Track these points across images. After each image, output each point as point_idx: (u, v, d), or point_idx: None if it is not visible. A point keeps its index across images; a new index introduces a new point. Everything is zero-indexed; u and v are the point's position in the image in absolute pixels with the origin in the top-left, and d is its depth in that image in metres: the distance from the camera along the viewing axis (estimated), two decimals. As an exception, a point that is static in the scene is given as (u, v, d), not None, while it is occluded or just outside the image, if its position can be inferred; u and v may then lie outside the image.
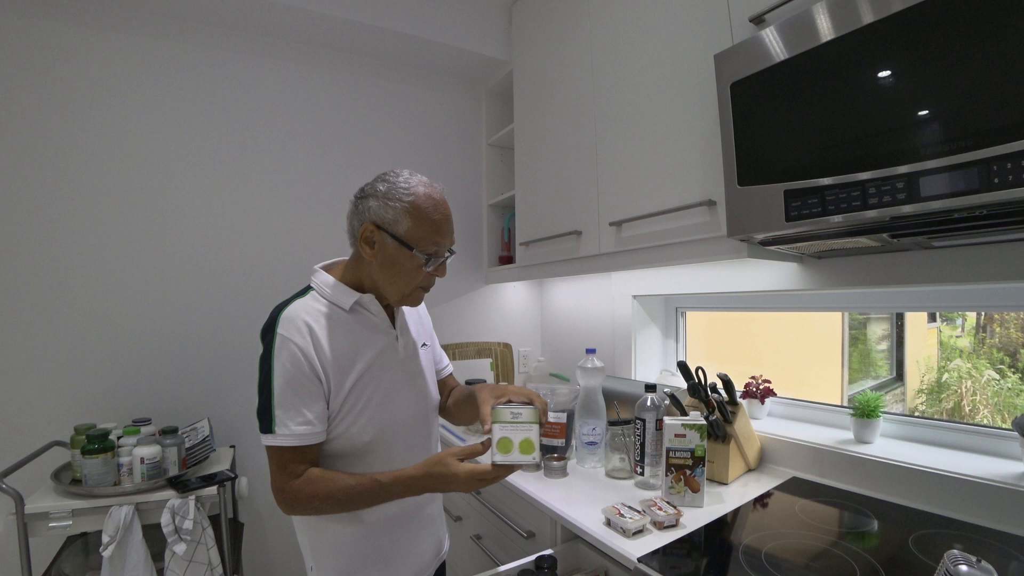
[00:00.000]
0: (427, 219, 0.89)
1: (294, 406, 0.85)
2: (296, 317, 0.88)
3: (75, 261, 1.53)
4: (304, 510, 0.89)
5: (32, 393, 1.47)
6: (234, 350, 1.72)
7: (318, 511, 0.90)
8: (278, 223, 1.82)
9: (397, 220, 0.88)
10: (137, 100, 1.61)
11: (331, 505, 0.87)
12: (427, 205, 0.89)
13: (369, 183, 0.93)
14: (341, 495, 0.86)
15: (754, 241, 1.06)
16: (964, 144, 0.69)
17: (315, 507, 0.88)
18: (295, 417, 0.85)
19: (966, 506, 1.01)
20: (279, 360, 0.85)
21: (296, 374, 0.85)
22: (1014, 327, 1.33)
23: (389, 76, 2.04)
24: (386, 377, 0.95)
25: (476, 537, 1.49)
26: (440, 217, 0.91)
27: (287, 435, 0.85)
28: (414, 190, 0.89)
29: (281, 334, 0.86)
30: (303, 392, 0.86)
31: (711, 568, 0.91)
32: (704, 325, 1.88)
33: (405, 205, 0.88)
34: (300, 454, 0.87)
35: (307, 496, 0.86)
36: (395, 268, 0.91)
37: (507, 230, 2.21)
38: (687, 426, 1.11)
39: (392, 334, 0.99)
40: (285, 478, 0.86)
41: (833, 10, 0.83)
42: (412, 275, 0.91)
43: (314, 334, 0.88)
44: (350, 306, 0.93)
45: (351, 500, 0.87)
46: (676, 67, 1.25)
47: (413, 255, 0.89)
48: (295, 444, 0.85)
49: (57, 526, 1.19)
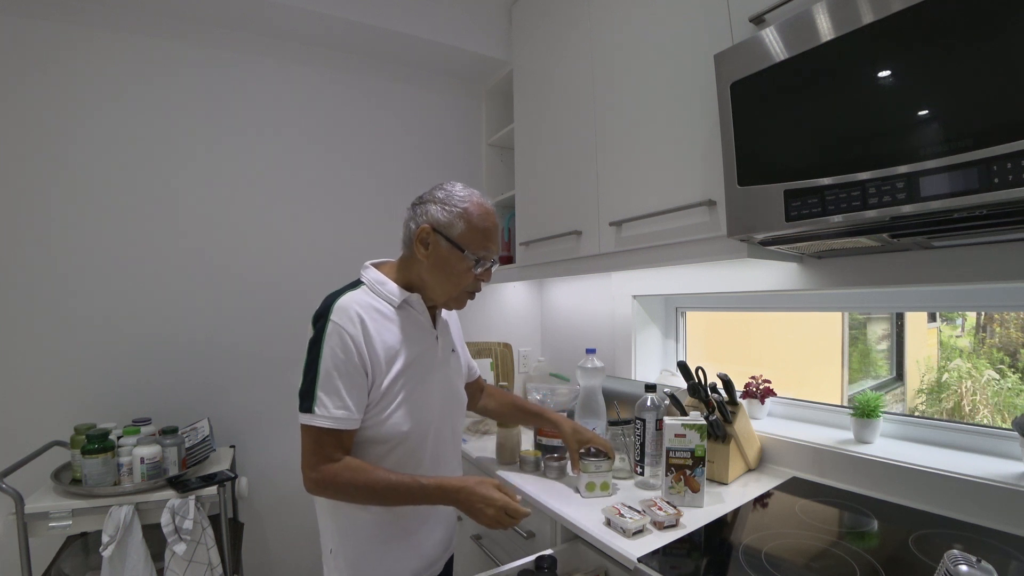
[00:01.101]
0: (479, 225, 0.98)
1: (336, 391, 0.89)
2: (349, 307, 0.93)
3: (75, 261, 1.53)
4: (333, 494, 0.92)
5: (32, 393, 1.47)
6: (234, 350, 1.72)
7: (349, 498, 0.93)
8: (278, 223, 1.82)
9: (452, 223, 0.97)
10: (136, 100, 1.61)
11: (366, 495, 0.92)
12: (480, 213, 0.99)
13: (427, 192, 1.02)
14: (380, 487, 0.90)
15: (754, 241, 1.06)
16: (964, 144, 0.69)
17: (347, 493, 0.92)
18: (336, 401, 0.89)
19: (966, 506, 1.01)
20: (328, 345, 0.89)
21: (345, 361, 0.89)
22: (1014, 327, 1.33)
23: (389, 76, 2.04)
24: (425, 374, 1.01)
25: (476, 537, 1.49)
26: (491, 225, 1.00)
27: (326, 417, 0.88)
28: (469, 199, 0.99)
29: (334, 321, 0.90)
30: (347, 379, 0.90)
31: (711, 568, 0.91)
32: (704, 325, 1.88)
33: (460, 211, 0.97)
34: (336, 438, 0.90)
35: (344, 482, 0.90)
36: (446, 269, 0.98)
37: (507, 230, 2.21)
38: (687, 426, 1.11)
39: (433, 334, 1.05)
40: (319, 460, 0.89)
41: (833, 10, 0.83)
42: (461, 276, 0.99)
43: (365, 326, 0.92)
44: (399, 303, 0.99)
45: (388, 495, 0.92)
46: (676, 67, 1.25)
47: (464, 257, 0.97)
48: (332, 427, 0.88)
49: (57, 526, 1.19)
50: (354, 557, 0.98)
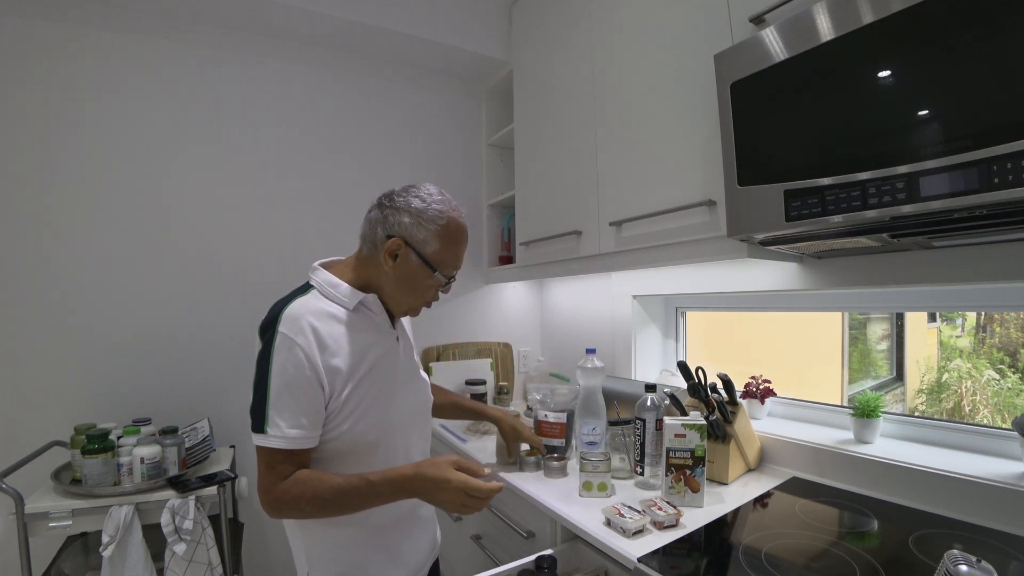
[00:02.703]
0: (455, 245, 0.94)
1: (289, 408, 0.83)
2: (299, 316, 0.86)
3: (75, 261, 1.53)
4: (290, 512, 0.86)
5: (32, 393, 1.47)
6: (234, 350, 1.72)
7: (304, 513, 0.86)
8: (278, 223, 1.82)
9: (427, 241, 0.91)
10: (136, 100, 1.61)
11: (318, 507, 0.84)
12: (456, 229, 0.94)
13: (399, 195, 0.93)
14: (328, 495, 0.83)
15: (754, 241, 1.06)
16: (964, 144, 0.69)
17: (301, 509, 0.85)
18: (289, 420, 0.83)
19: (966, 506, 1.01)
20: (279, 359, 0.83)
21: (296, 376, 0.83)
22: (1014, 327, 1.33)
23: (389, 76, 2.04)
24: (389, 377, 0.96)
25: (476, 537, 1.49)
26: (464, 241, 0.97)
27: (279, 437, 0.82)
28: (447, 214, 0.93)
29: (283, 332, 0.84)
30: (300, 396, 0.84)
31: (711, 568, 0.91)
32: (704, 325, 1.88)
33: (438, 228, 0.91)
34: (290, 456, 0.84)
35: (293, 497, 0.83)
36: (412, 283, 0.93)
37: (507, 230, 2.21)
38: (687, 426, 1.11)
39: (393, 335, 1.00)
40: (272, 480, 0.84)
41: (833, 10, 0.83)
42: (426, 292, 0.96)
43: (318, 334, 0.86)
44: (354, 306, 0.93)
45: (339, 501, 0.84)
46: (676, 67, 1.25)
47: (435, 276, 0.93)
48: (285, 447, 0.83)
49: (57, 526, 1.19)
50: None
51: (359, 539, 0.94)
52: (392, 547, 0.97)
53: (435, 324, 2.12)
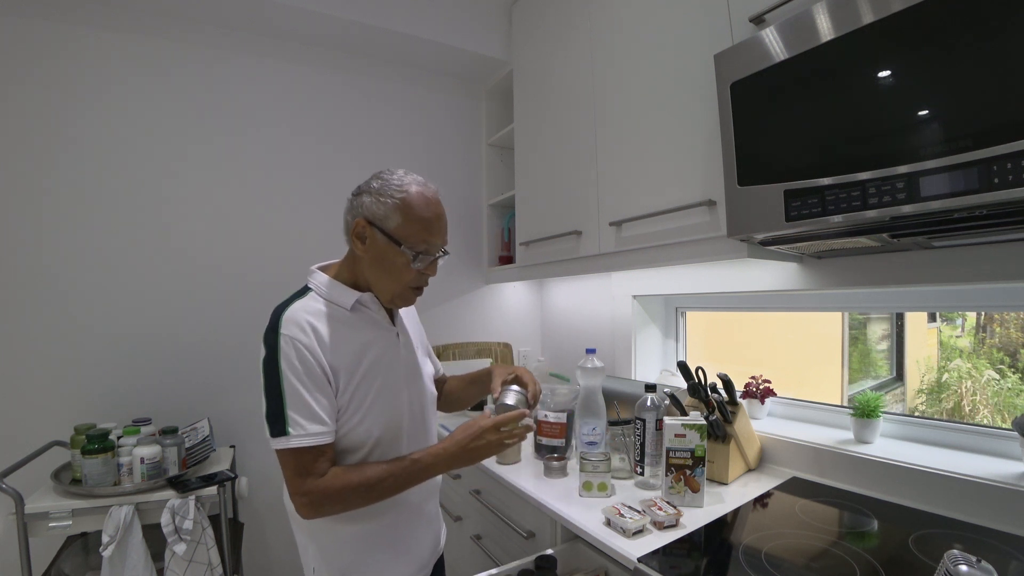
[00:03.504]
0: (417, 216, 0.90)
1: (306, 405, 0.83)
2: (299, 317, 0.87)
3: (75, 261, 1.53)
4: (334, 507, 0.86)
5: (32, 393, 1.47)
6: (234, 350, 1.72)
7: (348, 504, 0.87)
8: (278, 223, 1.82)
9: (388, 216, 0.89)
10: (136, 100, 1.61)
11: (364, 494, 0.86)
12: (418, 202, 0.90)
13: (365, 181, 0.94)
14: (375, 480, 0.86)
15: (754, 241, 1.06)
16: (964, 144, 0.69)
17: (346, 499, 0.85)
18: (308, 416, 0.83)
19: (966, 506, 1.01)
20: (286, 360, 0.84)
21: (307, 372, 0.84)
22: (1014, 327, 1.33)
23: (389, 76, 2.04)
24: (390, 374, 0.96)
25: (476, 537, 1.49)
26: (431, 215, 0.91)
27: (303, 435, 0.83)
28: (407, 188, 0.90)
29: (285, 334, 0.85)
30: (315, 391, 0.85)
31: (711, 568, 0.91)
32: (704, 325, 1.88)
33: (396, 201, 0.89)
34: (321, 453, 0.85)
35: (338, 490, 0.84)
36: (384, 264, 0.91)
37: (507, 230, 2.21)
38: (687, 426, 1.11)
39: (393, 331, 1.00)
40: (306, 479, 0.83)
41: (833, 10, 0.83)
42: (401, 272, 0.92)
43: (318, 333, 0.87)
44: (351, 305, 0.93)
45: (386, 485, 0.87)
46: (676, 67, 1.25)
47: (402, 251, 0.90)
48: (312, 444, 0.83)
49: (57, 526, 1.19)
50: (340, 574, 0.93)
51: (365, 535, 0.94)
52: (397, 543, 0.98)
53: (435, 324, 2.12)
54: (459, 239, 2.20)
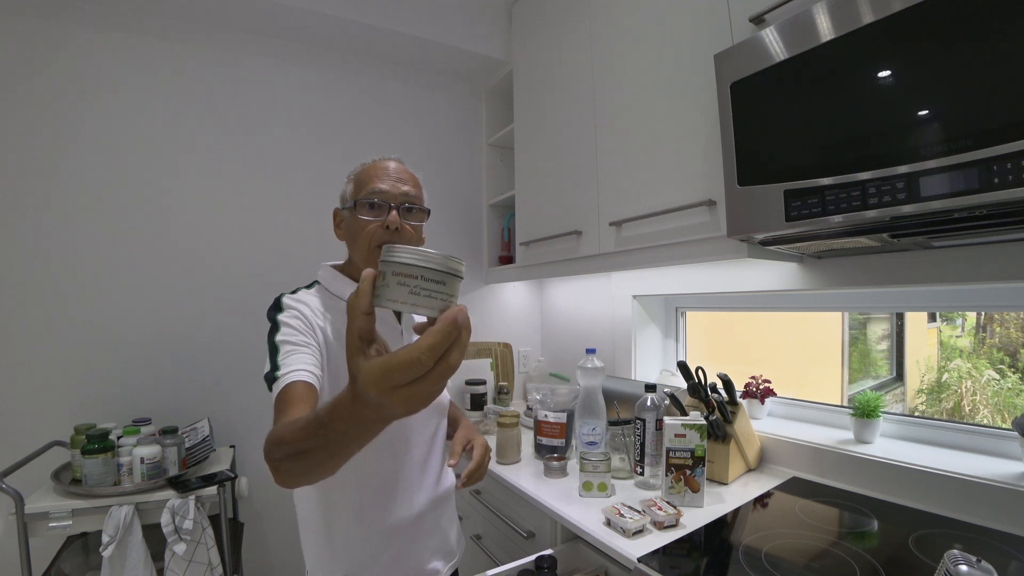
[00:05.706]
0: (365, 173, 0.95)
1: (296, 354, 0.81)
2: (301, 297, 0.92)
3: (75, 261, 1.53)
4: (270, 462, 0.63)
5: (32, 393, 1.47)
6: (234, 350, 1.72)
7: (270, 456, 0.63)
8: (278, 223, 1.82)
9: (344, 191, 0.96)
10: (136, 100, 1.60)
11: (288, 450, 0.60)
12: (367, 165, 0.96)
13: None
14: (289, 434, 0.60)
15: (754, 241, 1.06)
16: (964, 144, 0.69)
17: (276, 457, 0.62)
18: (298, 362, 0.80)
19: (966, 506, 1.01)
20: (282, 321, 0.86)
21: (300, 327, 0.86)
22: (1014, 327, 1.33)
23: (389, 76, 2.04)
24: None
25: (476, 537, 1.49)
26: (377, 168, 0.95)
27: (288, 373, 0.78)
28: (363, 164, 0.97)
29: (285, 303, 0.89)
30: (305, 347, 0.83)
31: (711, 568, 0.91)
32: (704, 325, 1.88)
33: (350, 176, 0.96)
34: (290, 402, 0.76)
35: (272, 442, 0.63)
36: (351, 232, 0.94)
37: (507, 230, 2.21)
38: (687, 426, 1.11)
39: (398, 329, 1.00)
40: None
41: (833, 10, 0.83)
42: (363, 230, 0.91)
43: (317, 313, 0.90)
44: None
45: (299, 439, 0.58)
46: (676, 67, 1.25)
47: (354, 210, 0.92)
48: (293, 380, 0.78)
49: (57, 526, 1.19)
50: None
51: (367, 541, 0.94)
52: (398, 551, 0.96)
53: (435, 324, 2.12)
54: (459, 239, 2.20)
